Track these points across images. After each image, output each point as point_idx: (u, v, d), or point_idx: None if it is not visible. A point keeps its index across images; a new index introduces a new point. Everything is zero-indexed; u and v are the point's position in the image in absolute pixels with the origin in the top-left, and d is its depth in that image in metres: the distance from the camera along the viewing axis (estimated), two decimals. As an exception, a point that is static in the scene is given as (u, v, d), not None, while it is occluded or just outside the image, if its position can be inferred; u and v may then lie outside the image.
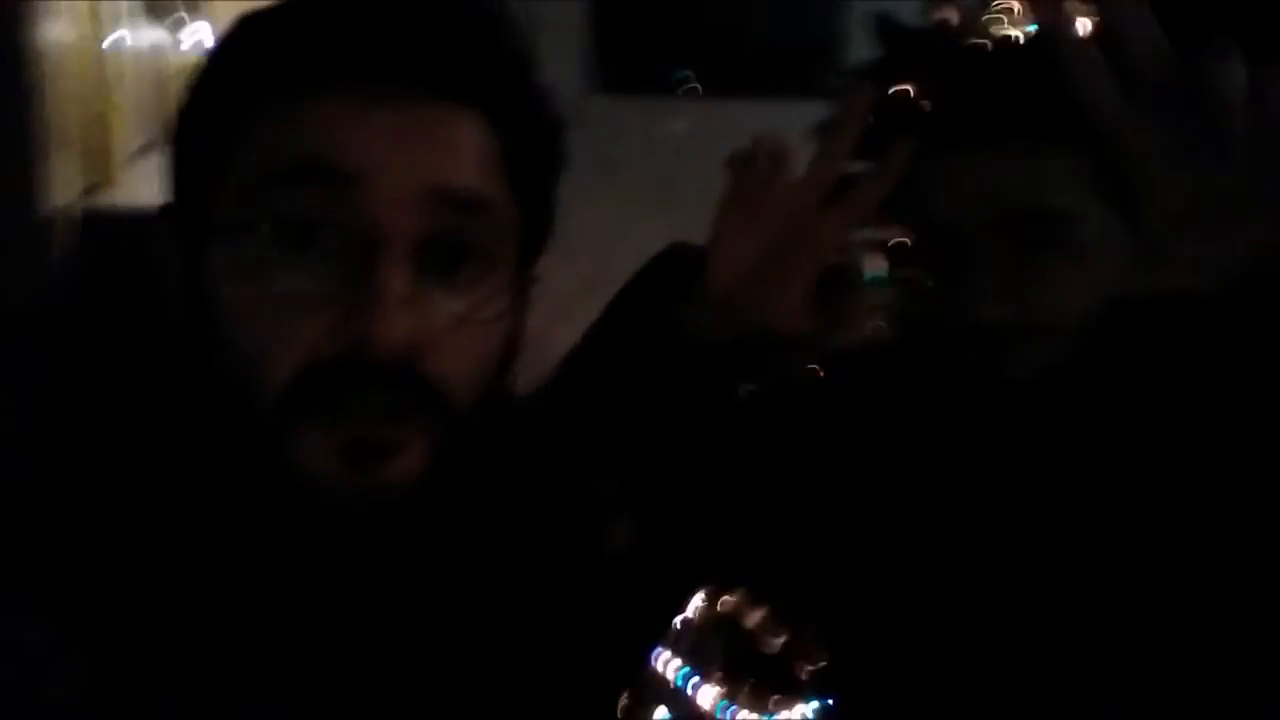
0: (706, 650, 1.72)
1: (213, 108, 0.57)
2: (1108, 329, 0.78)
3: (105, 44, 12.51)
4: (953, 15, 1.92)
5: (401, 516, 0.53)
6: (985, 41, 1.54)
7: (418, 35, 0.53)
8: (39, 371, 0.54)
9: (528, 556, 0.62)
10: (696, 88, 3.43)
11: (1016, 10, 1.83)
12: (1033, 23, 1.97)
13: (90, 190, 10.35)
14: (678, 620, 0.87)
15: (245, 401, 0.52)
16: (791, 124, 1.32)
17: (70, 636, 0.48)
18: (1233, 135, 0.52)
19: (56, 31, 8.53)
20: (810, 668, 1.00)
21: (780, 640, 1.64)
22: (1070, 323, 0.80)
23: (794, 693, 1.57)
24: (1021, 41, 1.65)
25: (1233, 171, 0.52)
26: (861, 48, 2.03)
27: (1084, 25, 1.91)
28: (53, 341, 0.56)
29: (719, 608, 1.77)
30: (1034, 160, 0.80)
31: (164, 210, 0.59)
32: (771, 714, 1.68)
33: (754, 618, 1.71)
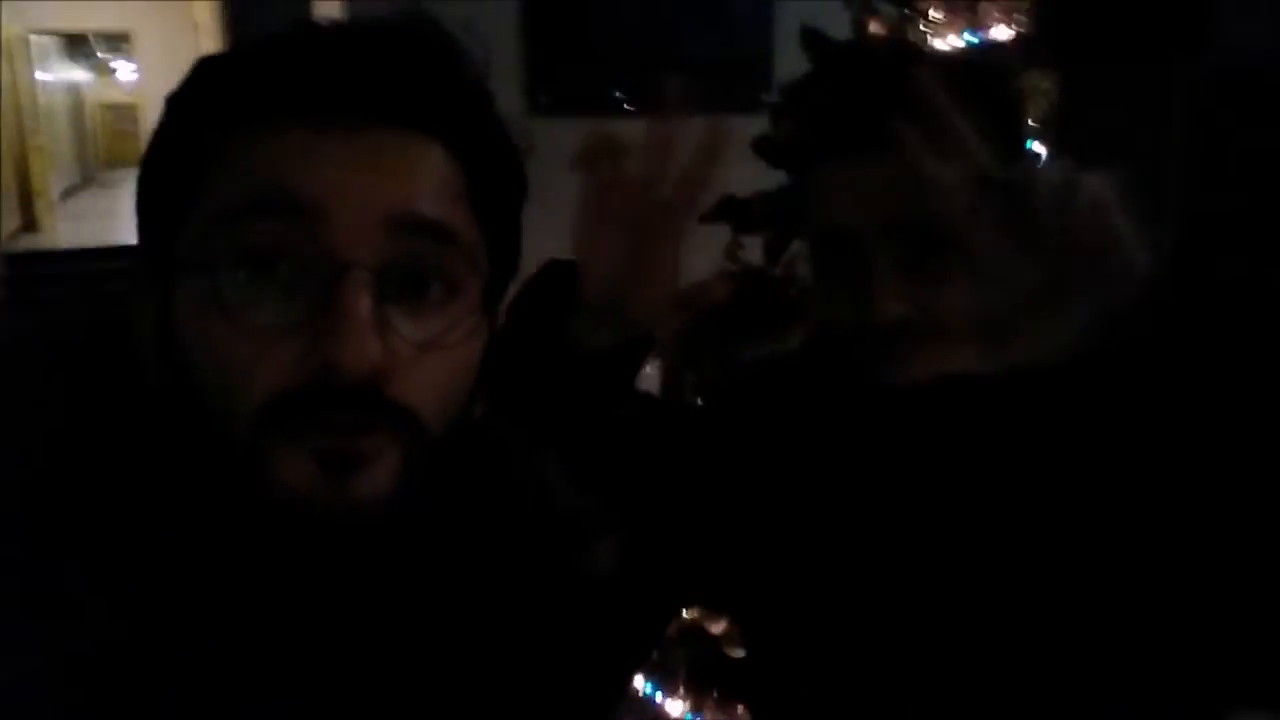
0: (672, 662, 1.72)
1: (174, 150, 0.55)
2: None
3: (30, 85, 12.13)
4: (879, 27, 1.97)
5: (375, 531, 0.53)
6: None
7: (371, 67, 0.53)
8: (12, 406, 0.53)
9: (508, 572, 0.61)
10: (631, 107, 3.45)
11: (939, 21, 1.89)
12: (954, 33, 2.03)
13: (18, 232, 10.11)
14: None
15: (220, 426, 0.51)
16: (727, 139, 1.34)
17: (66, 661, 0.47)
18: (1045, 237, 0.56)
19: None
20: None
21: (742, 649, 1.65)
22: (963, 325, 0.80)
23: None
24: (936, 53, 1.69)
25: (1047, 267, 0.57)
26: (792, 62, 2.06)
27: (1004, 32, 1.97)
28: (24, 376, 0.55)
29: (682, 620, 1.78)
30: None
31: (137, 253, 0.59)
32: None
33: (716, 628, 1.73)
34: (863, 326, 0.82)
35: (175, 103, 0.56)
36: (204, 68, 0.56)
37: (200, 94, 0.55)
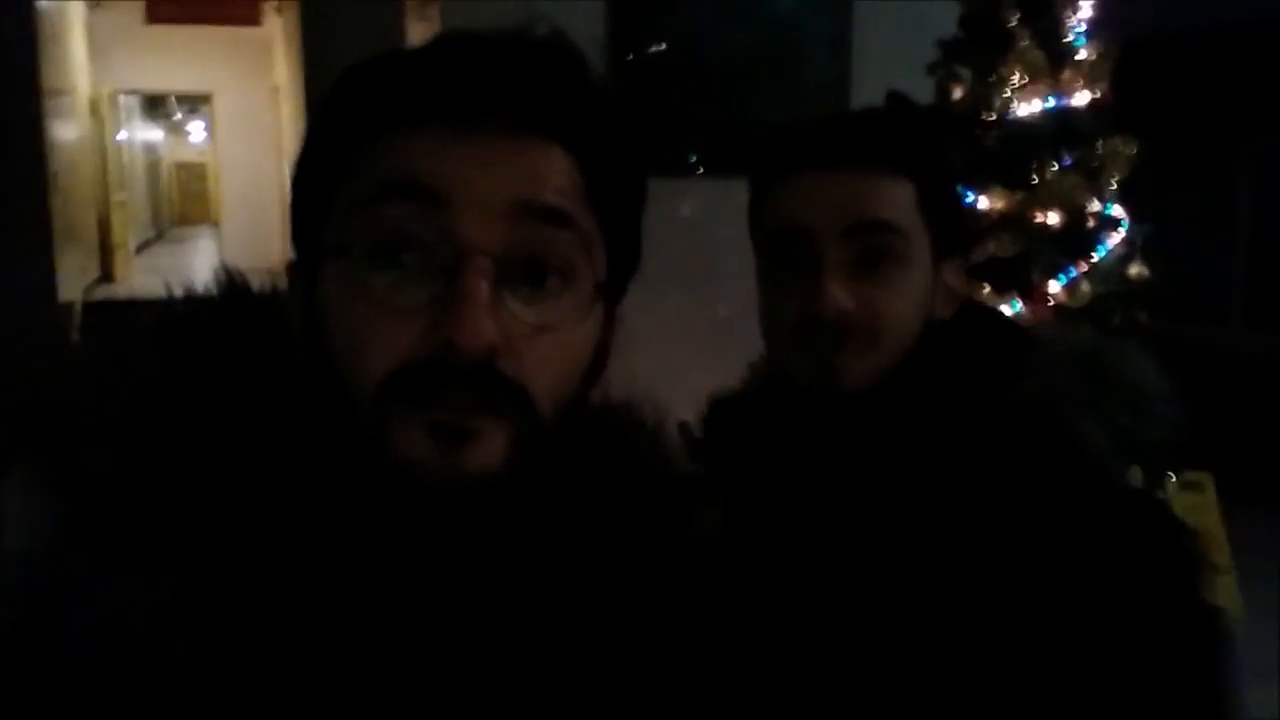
0: None
1: (323, 150, 0.61)
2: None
3: (113, 143, 12.53)
4: (959, 91, 2.03)
5: (485, 502, 0.57)
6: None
7: (499, 77, 0.58)
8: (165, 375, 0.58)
9: (613, 542, 0.65)
10: (702, 169, 3.52)
11: (1021, 86, 1.95)
12: (1036, 98, 2.09)
13: (96, 282, 10.42)
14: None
15: (348, 395, 0.56)
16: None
17: (188, 596, 0.53)
18: None
19: (67, 132, 8.73)
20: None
21: None
22: (892, 333, 0.92)
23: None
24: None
25: None
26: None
27: (1085, 97, 2.02)
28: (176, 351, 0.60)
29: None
30: (874, 182, 0.92)
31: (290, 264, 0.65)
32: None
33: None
34: (809, 318, 0.91)
35: (326, 106, 0.62)
36: (351, 75, 0.62)
37: (347, 99, 0.61)
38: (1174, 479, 2.59)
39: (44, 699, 0.52)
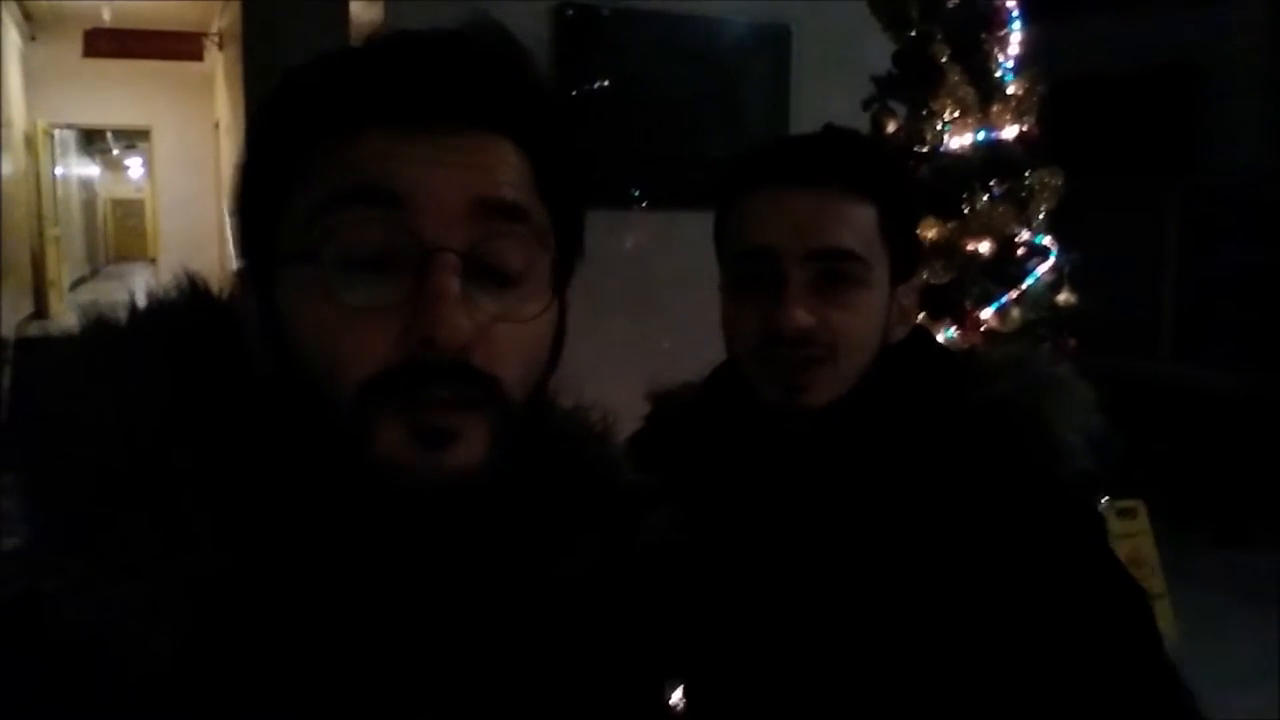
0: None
1: (270, 155, 0.61)
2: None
3: (48, 178, 12.28)
4: (895, 126, 2.09)
5: (467, 499, 0.58)
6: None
7: (447, 76, 0.59)
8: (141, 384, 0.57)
9: (576, 542, 0.66)
10: (644, 203, 3.56)
11: (950, 119, 2.01)
12: (966, 132, 2.15)
13: (29, 319, 10.17)
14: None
15: (324, 403, 0.56)
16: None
17: (172, 595, 0.53)
18: None
19: (2, 166, 8.54)
20: None
21: None
22: (852, 353, 0.95)
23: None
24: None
25: None
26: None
27: (1013, 131, 2.09)
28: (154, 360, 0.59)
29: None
30: (839, 206, 0.94)
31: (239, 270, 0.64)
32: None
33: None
34: (771, 335, 0.94)
35: (270, 110, 0.62)
36: (295, 79, 0.62)
37: (294, 103, 0.61)
38: (1108, 504, 2.65)
39: (28, 698, 0.52)
